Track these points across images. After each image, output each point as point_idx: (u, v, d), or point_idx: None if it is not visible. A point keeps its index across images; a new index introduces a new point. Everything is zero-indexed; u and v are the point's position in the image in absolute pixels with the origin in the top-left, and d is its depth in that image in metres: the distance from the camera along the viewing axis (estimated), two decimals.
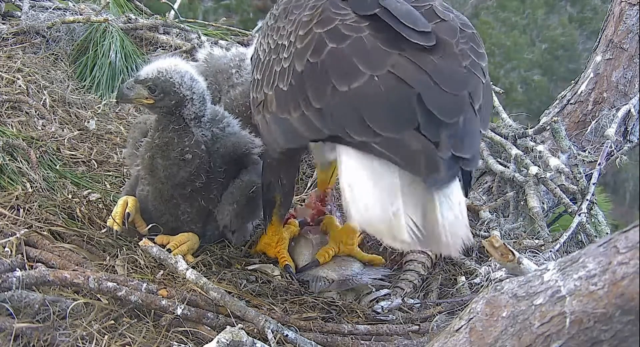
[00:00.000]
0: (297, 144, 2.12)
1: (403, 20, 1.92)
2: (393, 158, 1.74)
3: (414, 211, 1.73)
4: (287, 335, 1.98)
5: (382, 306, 2.41)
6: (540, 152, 3.19)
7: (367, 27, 1.94)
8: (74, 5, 4.61)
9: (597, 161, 3.13)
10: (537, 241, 2.81)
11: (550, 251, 2.60)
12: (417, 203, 1.73)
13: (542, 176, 3.06)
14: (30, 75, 3.72)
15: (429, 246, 1.77)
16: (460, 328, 1.59)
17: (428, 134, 1.74)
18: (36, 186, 2.73)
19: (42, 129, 3.29)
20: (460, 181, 1.86)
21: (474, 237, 2.91)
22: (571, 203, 2.99)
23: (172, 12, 5.21)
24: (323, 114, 1.90)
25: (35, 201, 2.52)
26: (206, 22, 5.39)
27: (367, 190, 1.78)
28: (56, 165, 3.03)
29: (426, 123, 1.75)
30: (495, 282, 1.58)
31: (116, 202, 2.60)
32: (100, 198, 2.80)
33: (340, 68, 1.89)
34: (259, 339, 1.89)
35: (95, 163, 3.22)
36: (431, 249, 1.80)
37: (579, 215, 2.83)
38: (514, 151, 3.28)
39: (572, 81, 3.72)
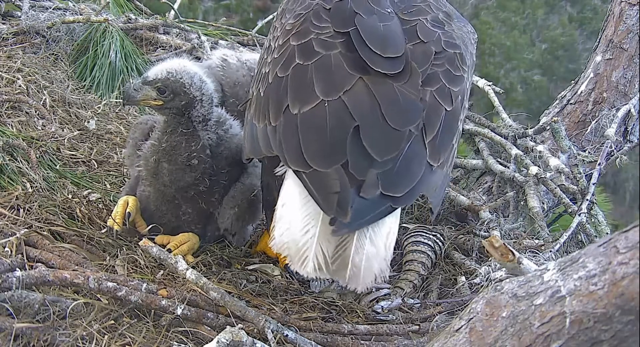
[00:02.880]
0: (256, 155, 2.06)
1: (372, 44, 1.87)
2: (314, 194, 1.68)
3: (327, 243, 1.70)
4: (287, 335, 1.97)
5: (382, 306, 2.41)
6: (540, 152, 3.19)
7: (340, 44, 1.89)
8: (74, 5, 4.61)
9: (597, 161, 3.13)
10: (537, 241, 2.80)
11: (550, 251, 2.59)
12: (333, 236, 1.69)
13: (542, 176, 3.05)
14: (30, 75, 3.72)
15: (337, 277, 1.76)
16: (460, 328, 1.58)
17: (355, 172, 1.67)
18: (36, 186, 2.73)
19: (42, 129, 3.29)
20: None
21: (474, 236, 2.94)
22: (571, 203, 2.99)
23: (172, 12, 5.21)
24: (275, 133, 1.85)
25: (35, 201, 2.51)
26: (206, 22, 5.38)
27: (293, 213, 1.76)
28: (56, 165, 3.03)
29: (355, 160, 1.69)
30: (495, 282, 1.58)
31: (116, 202, 2.60)
32: (100, 198, 2.80)
33: (299, 88, 1.85)
34: (259, 339, 1.88)
35: (95, 163, 3.22)
36: (339, 281, 1.80)
37: (579, 215, 2.82)
38: (514, 151, 3.27)
39: (572, 81, 3.72)
